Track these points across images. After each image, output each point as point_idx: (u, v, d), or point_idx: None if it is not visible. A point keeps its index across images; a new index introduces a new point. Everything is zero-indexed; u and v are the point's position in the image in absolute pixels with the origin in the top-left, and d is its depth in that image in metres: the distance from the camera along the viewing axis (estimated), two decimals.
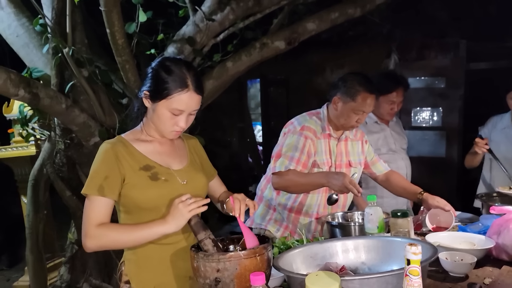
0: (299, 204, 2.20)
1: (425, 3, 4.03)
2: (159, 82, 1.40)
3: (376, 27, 4.28)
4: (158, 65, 1.44)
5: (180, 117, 1.43)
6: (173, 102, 1.39)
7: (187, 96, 1.40)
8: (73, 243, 3.05)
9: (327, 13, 3.17)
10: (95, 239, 1.36)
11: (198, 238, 1.32)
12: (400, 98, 2.78)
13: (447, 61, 4.55)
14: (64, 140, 2.84)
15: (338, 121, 2.15)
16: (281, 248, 1.65)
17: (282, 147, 2.11)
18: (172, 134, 1.48)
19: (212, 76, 3.11)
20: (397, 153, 2.87)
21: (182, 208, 1.32)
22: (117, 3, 2.37)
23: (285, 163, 2.05)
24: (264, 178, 2.36)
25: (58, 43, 2.56)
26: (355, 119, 2.10)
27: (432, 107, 4.69)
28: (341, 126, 2.17)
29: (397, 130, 2.99)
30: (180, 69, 1.41)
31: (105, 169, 1.40)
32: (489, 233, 1.73)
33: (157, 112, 1.43)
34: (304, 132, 2.11)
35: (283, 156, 2.08)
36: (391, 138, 2.88)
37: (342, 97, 2.10)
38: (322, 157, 2.15)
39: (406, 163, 2.90)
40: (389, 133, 2.88)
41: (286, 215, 2.24)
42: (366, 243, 1.50)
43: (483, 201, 2.29)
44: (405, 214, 1.66)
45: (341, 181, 1.88)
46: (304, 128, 2.13)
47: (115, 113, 2.82)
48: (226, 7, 2.98)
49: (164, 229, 1.35)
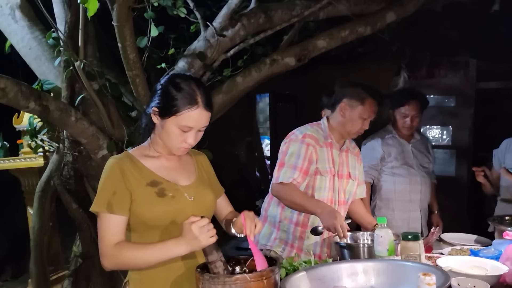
0: (304, 216, 2.20)
1: (435, 22, 4.02)
2: (168, 98, 1.40)
3: (386, 45, 4.28)
4: (167, 81, 1.44)
5: (189, 133, 1.42)
6: (182, 119, 1.39)
7: (197, 113, 1.39)
8: (78, 256, 3.03)
9: (337, 31, 3.17)
10: (111, 259, 1.36)
11: (209, 259, 1.29)
12: (414, 112, 2.82)
13: (457, 80, 4.53)
14: (72, 152, 2.84)
15: (345, 128, 2.19)
16: (288, 269, 1.62)
17: (285, 156, 2.15)
18: (180, 151, 1.47)
19: (222, 91, 3.11)
20: (413, 169, 2.87)
21: (199, 234, 1.28)
22: (129, 18, 2.40)
23: (288, 173, 2.10)
24: (268, 197, 2.35)
25: (70, 56, 2.58)
26: (361, 124, 2.16)
27: (442, 126, 4.66)
28: (346, 134, 2.21)
29: (420, 148, 2.98)
30: (189, 85, 1.41)
31: (112, 185, 1.39)
32: (503, 259, 1.69)
33: (166, 128, 1.42)
34: (306, 139, 2.15)
35: (286, 165, 2.12)
36: (410, 154, 2.90)
37: (349, 102, 2.16)
38: (325, 165, 2.18)
39: (421, 180, 2.89)
40: (408, 149, 2.90)
41: (292, 230, 2.22)
42: (375, 266, 1.47)
43: (495, 224, 2.24)
44: (416, 237, 1.62)
45: (333, 221, 1.90)
46: (306, 136, 2.17)
47: (124, 126, 2.82)
48: (237, 23, 3.00)
49: (177, 251, 1.33)
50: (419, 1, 3.35)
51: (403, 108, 2.84)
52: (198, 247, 1.30)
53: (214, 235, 1.31)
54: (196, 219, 1.30)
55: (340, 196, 2.26)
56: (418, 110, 2.85)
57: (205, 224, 1.30)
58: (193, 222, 1.29)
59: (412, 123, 2.86)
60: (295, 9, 3.15)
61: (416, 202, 2.88)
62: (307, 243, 2.21)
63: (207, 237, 1.29)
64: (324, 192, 2.19)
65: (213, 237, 1.30)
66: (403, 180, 2.86)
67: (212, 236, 1.30)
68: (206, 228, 1.29)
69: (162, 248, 1.34)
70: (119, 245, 1.36)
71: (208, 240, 1.29)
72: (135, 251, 1.36)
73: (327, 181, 2.19)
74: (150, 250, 1.35)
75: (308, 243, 2.21)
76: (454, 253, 2.01)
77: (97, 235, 1.41)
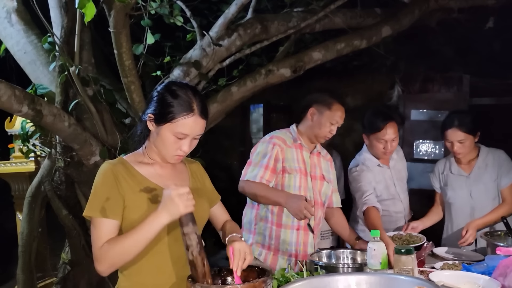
0: (277, 215, 2.25)
1: (430, 37, 4.07)
2: (165, 105, 1.40)
3: (381, 59, 4.32)
4: (164, 88, 1.44)
5: (184, 141, 1.42)
6: (177, 126, 1.39)
7: (192, 120, 1.39)
8: (66, 264, 2.98)
9: (333, 43, 3.20)
10: (103, 261, 1.33)
11: (184, 230, 1.29)
12: (393, 135, 2.52)
13: (450, 95, 4.56)
14: (64, 158, 2.81)
15: (312, 132, 2.29)
16: (280, 281, 1.60)
17: (253, 156, 2.27)
18: (174, 159, 1.46)
19: (217, 100, 3.12)
20: (396, 198, 2.71)
21: (178, 200, 1.28)
22: (126, 25, 2.40)
23: (255, 171, 2.19)
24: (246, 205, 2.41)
25: (65, 61, 2.57)
26: (328, 129, 2.24)
27: (434, 140, 4.68)
28: (314, 137, 2.30)
29: (399, 168, 2.79)
30: (186, 93, 1.41)
31: (105, 190, 1.38)
32: (495, 274, 1.68)
33: (161, 135, 1.41)
34: (272, 140, 2.27)
35: (253, 164, 2.23)
36: (390, 180, 2.70)
37: (318, 107, 2.26)
38: (294, 164, 2.26)
39: (405, 205, 2.77)
40: (389, 175, 2.70)
41: (268, 230, 2.26)
42: (368, 280, 1.46)
43: (487, 239, 2.24)
44: (409, 251, 1.62)
45: (298, 204, 2.01)
46: (273, 137, 2.30)
47: (117, 133, 2.81)
48: (234, 33, 3.01)
49: (159, 221, 1.31)
50: (414, 16, 3.40)
51: (380, 133, 2.52)
52: (177, 213, 1.30)
53: (192, 204, 1.31)
54: (176, 187, 1.30)
55: (317, 197, 2.31)
56: (397, 132, 2.56)
57: (185, 192, 1.30)
58: (173, 189, 1.29)
59: (393, 148, 2.59)
60: (291, 21, 3.17)
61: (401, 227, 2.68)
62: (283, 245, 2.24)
63: (186, 204, 1.29)
64: (295, 191, 2.23)
65: (191, 206, 1.30)
66: (388, 213, 2.68)
67: (189, 205, 1.30)
68: (186, 196, 1.29)
69: (145, 225, 1.32)
70: (105, 243, 1.34)
71: (187, 207, 1.29)
72: (122, 242, 1.34)
73: (297, 179, 2.25)
74: (135, 233, 1.33)
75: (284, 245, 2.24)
76: (447, 268, 2.00)
77: (86, 242, 1.39)
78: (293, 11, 3.25)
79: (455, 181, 2.66)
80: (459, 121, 2.50)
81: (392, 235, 2.43)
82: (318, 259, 1.94)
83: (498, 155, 2.61)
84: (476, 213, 2.58)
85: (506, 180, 2.55)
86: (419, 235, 2.43)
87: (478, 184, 2.59)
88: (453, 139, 2.52)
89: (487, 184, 2.58)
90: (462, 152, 2.55)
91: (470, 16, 3.52)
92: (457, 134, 2.50)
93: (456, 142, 2.51)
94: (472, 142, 2.55)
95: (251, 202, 2.33)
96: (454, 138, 2.51)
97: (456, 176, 2.66)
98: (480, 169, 2.60)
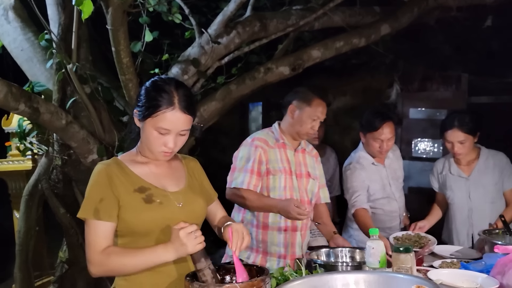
0: (263, 217, 2.23)
1: (429, 36, 4.07)
2: (147, 99, 1.39)
3: (380, 57, 4.30)
4: (150, 83, 1.43)
5: (168, 137, 1.39)
6: (158, 121, 1.36)
7: (172, 114, 1.36)
8: (64, 262, 2.97)
9: (332, 41, 3.19)
10: (99, 266, 1.33)
11: (197, 267, 1.27)
12: (389, 135, 2.53)
13: (449, 94, 4.56)
14: (61, 156, 2.80)
15: (294, 129, 2.25)
16: (279, 280, 1.60)
17: (236, 161, 2.23)
18: (161, 155, 1.44)
19: (215, 98, 3.10)
20: (392, 197, 2.69)
21: (186, 240, 1.27)
22: (124, 22, 2.39)
23: (240, 177, 2.16)
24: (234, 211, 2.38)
25: (62, 58, 2.55)
26: (310, 125, 2.21)
27: (433, 139, 4.68)
28: (296, 134, 2.26)
29: (395, 167, 2.77)
30: (168, 87, 1.38)
31: (99, 191, 1.36)
32: (493, 272, 1.68)
33: (145, 131, 1.40)
34: (254, 142, 2.23)
35: (237, 169, 2.20)
36: (386, 180, 2.69)
37: (298, 104, 2.23)
38: (277, 164, 2.23)
39: (400, 204, 2.74)
40: (385, 174, 2.69)
41: (255, 234, 2.24)
42: (367, 278, 1.45)
43: (485, 237, 2.24)
44: (407, 250, 1.61)
45: (289, 208, 2.01)
46: (255, 139, 2.26)
47: (115, 131, 2.80)
48: (232, 31, 3.00)
49: (165, 257, 1.31)
50: (413, 14, 3.39)
51: (377, 133, 2.52)
52: (185, 254, 1.29)
53: (201, 242, 1.29)
54: (184, 225, 1.28)
55: (303, 196, 2.29)
56: (393, 131, 2.56)
57: (193, 230, 1.28)
58: (181, 228, 1.27)
59: (388, 147, 2.58)
60: (290, 19, 3.16)
61: (396, 226, 2.72)
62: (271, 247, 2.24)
63: (194, 243, 1.27)
64: (280, 191, 2.21)
65: (200, 244, 1.28)
66: (383, 211, 2.68)
67: (199, 243, 1.28)
68: (194, 234, 1.28)
69: (151, 253, 1.32)
70: (106, 251, 1.33)
71: (195, 247, 1.27)
72: (123, 258, 1.33)
73: (282, 180, 2.23)
74: (138, 256, 1.33)
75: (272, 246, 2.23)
76: (445, 266, 2.00)
77: (84, 241, 1.38)
78: (292, 9, 3.24)
79: (454, 182, 2.65)
80: (459, 121, 2.49)
81: (401, 235, 2.38)
82: (316, 258, 1.93)
83: (499, 158, 2.59)
84: (474, 215, 2.58)
85: (509, 183, 2.55)
86: (428, 236, 2.36)
87: (477, 186, 2.58)
88: (453, 140, 2.50)
89: (487, 187, 2.57)
90: (462, 152, 2.54)
91: (469, 14, 3.51)
92: (458, 134, 2.48)
93: (456, 142, 2.50)
94: (472, 142, 2.54)
95: (237, 206, 2.31)
96: (455, 138, 2.50)
97: (456, 177, 2.65)
98: (480, 171, 2.59)
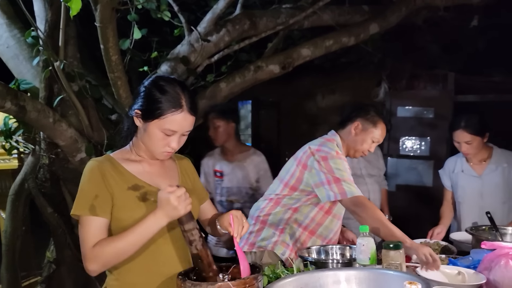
0: (316, 224, 2.19)
1: (416, 35, 4.11)
2: (152, 101, 1.37)
3: (368, 56, 4.34)
4: (152, 84, 1.41)
5: (172, 137, 1.39)
6: (166, 123, 1.36)
7: (181, 116, 1.37)
8: (51, 262, 2.93)
9: (322, 40, 3.20)
10: (95, 260, 1.30)
11: (185, 228, 1.29)
12: None
13: (436, 92, 4.62)
14: (48, 154, 2.76)
15: (353, 145, 2.23)
16: (271, 277, 1.60)
17: (333, 173, 2.04)
18: (162, 155, 1.44)
19: (205, 96, 3.10)
20: (361, 178, 2.91)
21: (177, 203, 1.27)
22: (112, 19, 2.36)
23: (353, 187, 2.01)
24: (269, 201, 2.27)
25: (49, 56, 2.52)
26: (369, 146, 2.21)
27: (420, 137, 4.73)
28: (353, 151, 2.25)
29: (370, 158, 2.99)
30: (174, 88, 1.38)
31: (94, 188, 1.35)
32: (480, 268, 1.71)
33: (149, 132, 1.39)
34: (341, 156, 2.14)
35: (344, 180, 2.02)
36: (358, 164, 2.91)
37: (363, 123, 2.21)
38: None
39: (370, 188, 2.94)
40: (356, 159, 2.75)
41: (299, 233, 2.20)
42: (357, 275, 1.47)
43: (472, 233, 2.27)
44: (397, 246, 1.63)
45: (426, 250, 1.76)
46: (338, 152, 2.15)
47: (104, 129, 2.77)
48: (222, 29, 2.99)
49: (158, 224, 1.30)
50: (401, 14, 3.42)
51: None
52: (177, 216, 1.29)
53: (190, 203, 1.30)
54: (172, 189, 1.28)
55: None
56: None
57: (182, 193, 1.28)
58: (170, 192, 1.27)
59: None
60: (280, 17, 3.16)
61: None
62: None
63: (185, 205, 1.28)
64: None
65: (190, 205, 1.30)
66: None
67: (189, 204, 1.30)
68: (184, 196, 1.28)
69: (142, 227, 1.30)
70: (98, 243, 1.32)
71: (186, 208, 1.28)
72: (116, 242, 1.32)
73: None
74: (130, 235, 1.31)
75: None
76: None
77: (72, 241, 1.37)
78: (281, 7, 3.24)
79: (466, 181, 2.67)
80: (465, 122, 2.53)
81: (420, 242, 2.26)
82: (307, 255, 1.94)
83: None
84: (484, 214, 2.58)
85: None
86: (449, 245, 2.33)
87: (490, 185, 2.60)
88: (460, 140, 2.55)
89: (499, 186, 2.60)
90: (470, 152, 2.58)
91: (456, 14, 3.56)
92: (464, 135, 2.53)
93: (463, 143, 2.55)
94: (481, 142, 2.57)
95: (287, 203, 2.20)
96: (461, 139, 2.54)
97: (467, 176, 2.67)
98: (492, 170, 2.62)
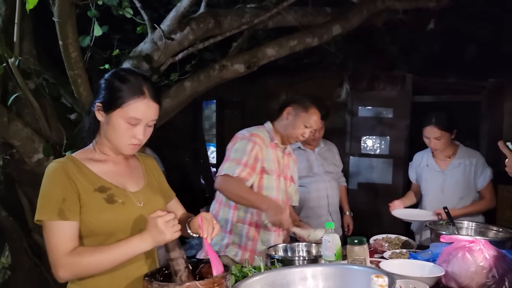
0: (257, 216, 2.22)
1: (377, 37, 4.24)
2: (113, 90, 1.34)
3: (331, 57, 4.43)
4: (112, 75, 1.39)
5: (138, 128, 1.35)
6: (129, 111, 1.33)
7: (144, 103, 1.34)
8: (6, 268, 2.79)
9: (286, 40, 3.24)
10: (69, 268, 1.25)
11: (171, 256, 1.27)
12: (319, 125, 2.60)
13: (395, 93, 4.78)
14: (3, 155, 2.63)
15: (285, 131, 2.29)
16: (238, 276, 1.60)
17: (231, 152, 2.18)
18: (129, 148, 1.39)
19: (169, 95, 3.04)
20: (318, 176, 3.01)
21: (164, 228, 1.25)
22: (72, 14, 2.28)
23: (233, 166, 2.11)
24: (216, 202, 2.34)
25: (3, 52, 2.39)
26: (301, 131, 2.26)
27: (380, 136, 4.88)
28: (286, 137, 2.31)
29: (326, 156, 3.11)
30: (135, 77, 1.36)
31: (59, 191, 1.29)
32: (439, 261, 1.79)
33: (112, 123, 1.34)
34: (253, 138, 2.21)
35: (231, 160, 2.16)
36: (314, 162, 3.02)
37: (295, 108, 2.28)
38: (271, 165, 2.25)
39: (328, 185, 3.04)
40: (313, 158, 3.02)
41: (246, 231, 2.23)
42: (324, 271, 1.49)
43: (431, 228, 2.37)
44: (361, 242, 1.68)
45: (278, 216, 1.97)
46: (253, 134, 2.23)
47: (63, 129, 2.67)
48: (186, 27, 2.95)
49: (143, 246, 1.29)
50: (362, 16, 3.51)
51: None
52: (163, 242, 1.28)
53: (178, 230, 1.29)
54: (162, 214, 1.27)
55: (284, 197, 2.33)
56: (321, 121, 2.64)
57: (171, 218, 1.28)
58: (159, 217, 1.26)
59: (316, 136, 2.94)
60: (244, 17, 3.16)
61: (324, 207, 3.02)
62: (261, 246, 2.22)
63: (172, 231, 1.27)
64: (272, 192, 2.23)
65: (177, 232, 1.29)
66: (308, 189, 2.97)
67: (176, 231, 1.28)
68: (172, 222, 1.27)
69: (127, 245, 1.28)
70: (76, 251, 1.27)
71: (173, 235, 1.27)
72: (98, 255, 1.28)
73: (273, 180, 2.25)
74: (113, 250, 1.28)
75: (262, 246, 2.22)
76: (395, 257, 2.10)
77: (28, 245, 1.31)
78: (246, 7, 3.25)
79: (430, 175, 2.82)
80: (436, 119, 2.67)
81: (382, 237, 2.44)
82: (274, 253, 1.96)
83: (475, 157, 2.75)
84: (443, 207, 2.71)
85: (482, 181, 2.71)
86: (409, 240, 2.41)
87: (451, 181, 2.74)
88: (430, 136, 2.68)
89: (459, 183, 2.73)
90: (438, 148, 2.72)
91: (414, 17, 3.70)
92: (434, 131, 2.66)
93: (432, 138, 2.68)
94: (449, 139, 2.71)
95: (227, 201, 2.25)
96: (431, 135, 2.67)
97: (432, 170, 2.82)
98: (455, 167, 2.75)
